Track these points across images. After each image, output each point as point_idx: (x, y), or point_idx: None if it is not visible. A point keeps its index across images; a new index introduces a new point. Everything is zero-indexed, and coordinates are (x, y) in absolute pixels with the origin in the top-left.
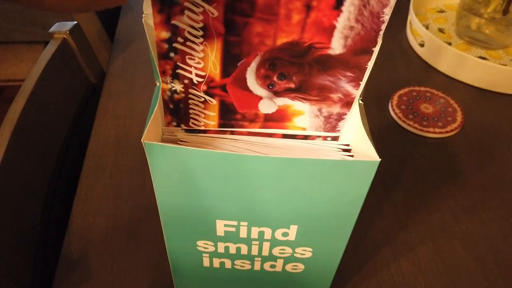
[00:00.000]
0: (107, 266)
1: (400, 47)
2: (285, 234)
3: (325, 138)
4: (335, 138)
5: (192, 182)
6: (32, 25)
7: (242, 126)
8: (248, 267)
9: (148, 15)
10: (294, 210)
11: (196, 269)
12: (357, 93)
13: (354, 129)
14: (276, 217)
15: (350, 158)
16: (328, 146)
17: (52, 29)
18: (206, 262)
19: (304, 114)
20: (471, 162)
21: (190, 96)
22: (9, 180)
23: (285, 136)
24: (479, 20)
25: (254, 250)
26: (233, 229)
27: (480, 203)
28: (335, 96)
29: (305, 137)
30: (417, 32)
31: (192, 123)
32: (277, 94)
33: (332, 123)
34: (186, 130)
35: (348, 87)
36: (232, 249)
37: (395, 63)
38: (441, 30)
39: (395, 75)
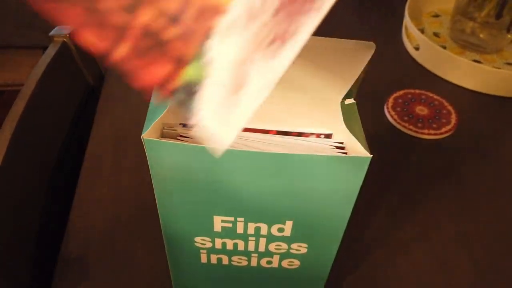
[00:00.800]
0: (105, 265)
1: (395, 51)
2: (280, 230)
3: (318, 135)
4: (328, 136)
5: (190, 178)
6: (31, 29)
7: None
8: (245, 263)
9: None
10: (289, 206)
11: (194, 266)
12: None
13: (347, 127)
14: (272, 213)
15: (343, 155)
16: (322, 143)
17: (52, 33)
18: (203, 259)
19: None
20: (465, 163)
21: None
22: (9, 181)
23: (279, 132)
24: (473, 24)
25: (251, 246)
26: (230, 225)
27: (474, 203)
28: None
29: (299, 134)
30: (412, 36)
31: None
32: None
33: None
34: (184, 125)
35: None
36: (229, 245)
37: (391, 67)
38: (436, 34)
39: (391, 78)
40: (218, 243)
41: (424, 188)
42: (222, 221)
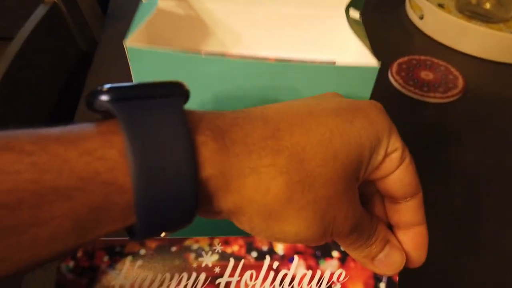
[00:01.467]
0: None
1: (399, 22)
2: None
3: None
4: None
5: None
6: None
7: None
8: None
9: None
10: None
11: None
12: None
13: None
14: None
15: (349, 65)
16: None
17: None
18: None
19: None
20: (470, 127)
21: None
22: None
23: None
24: None
25: None
26: None
27: (476, 166)
28: None
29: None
30: (416, 5)
31: None
32: None
33: None
34: None
35: None
36: None
37: (394, 36)
38: (441, 5)
39: (395, 46)
40: None
41: (430, 151)
42: None
